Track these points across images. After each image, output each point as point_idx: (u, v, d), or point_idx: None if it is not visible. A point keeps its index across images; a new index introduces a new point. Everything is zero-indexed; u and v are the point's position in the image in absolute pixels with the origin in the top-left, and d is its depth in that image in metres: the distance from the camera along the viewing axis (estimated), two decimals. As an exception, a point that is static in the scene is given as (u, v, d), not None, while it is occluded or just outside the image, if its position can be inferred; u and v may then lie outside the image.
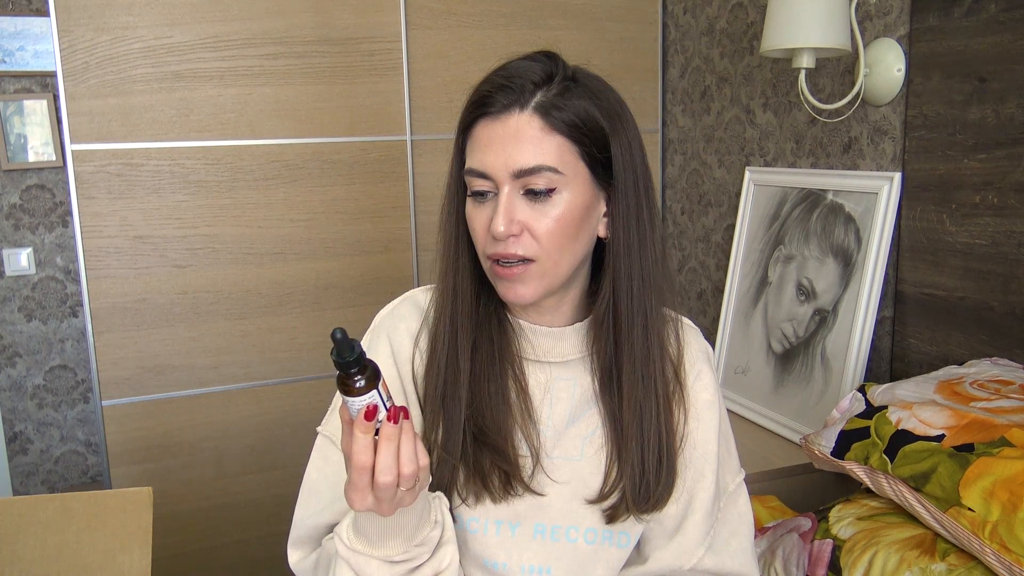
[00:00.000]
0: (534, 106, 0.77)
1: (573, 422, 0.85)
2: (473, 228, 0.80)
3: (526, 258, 0.78)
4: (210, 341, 1.93)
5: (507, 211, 0.76)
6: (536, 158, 0.76)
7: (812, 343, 1.68)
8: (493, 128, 0.77)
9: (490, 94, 0.77)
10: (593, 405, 0.86)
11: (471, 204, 0.80)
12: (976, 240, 1.39)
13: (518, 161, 0.76)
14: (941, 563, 1.03)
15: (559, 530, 0.84)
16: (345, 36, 1.93)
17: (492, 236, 0.77)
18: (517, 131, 0.76)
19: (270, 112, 1.91)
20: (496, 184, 0.77)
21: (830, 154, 1.72)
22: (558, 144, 0.77)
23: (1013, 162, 1.32)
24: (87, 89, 1.78)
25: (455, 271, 0.83)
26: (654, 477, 0.83)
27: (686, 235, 2.26)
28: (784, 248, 1.80)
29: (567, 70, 0.80)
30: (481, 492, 0.81)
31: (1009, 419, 1.09)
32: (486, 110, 0.77)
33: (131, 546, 1.14)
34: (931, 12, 1.44)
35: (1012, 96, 1.31)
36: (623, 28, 2.21)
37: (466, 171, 0.79)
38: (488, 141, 0.77)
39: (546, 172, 0.76)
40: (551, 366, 0.86)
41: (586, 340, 0.86)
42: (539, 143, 0.76)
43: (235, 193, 1.90)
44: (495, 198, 0.78)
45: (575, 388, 0.86)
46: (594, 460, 0.85)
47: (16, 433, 2.91)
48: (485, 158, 0.77)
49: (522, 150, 0.76)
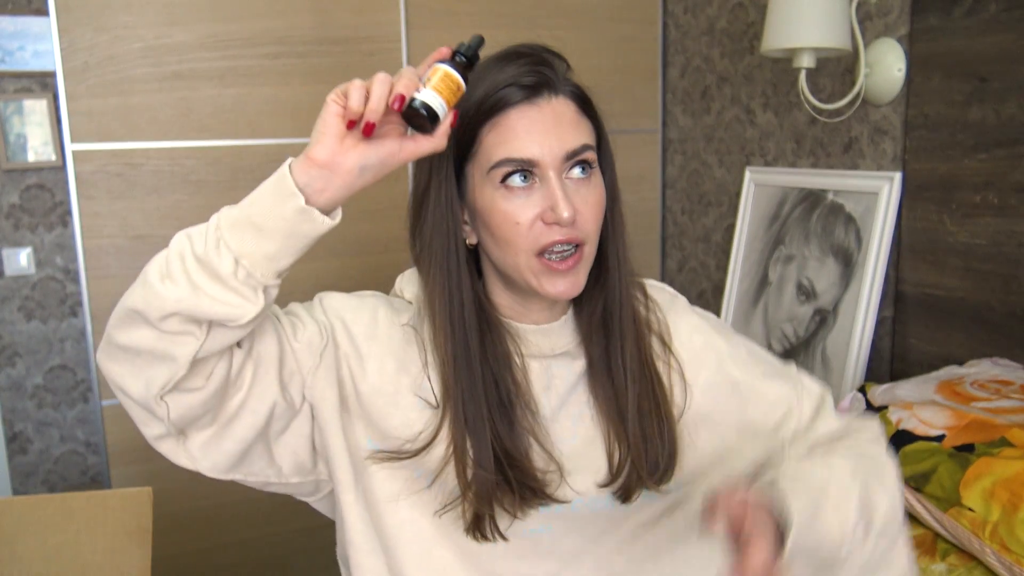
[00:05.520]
0: (563, 89, 0.78)
1: (561, 406, 0.85)
2: (514, 222, 0.76)
3: (581, 242, 0.77)
4: (210, 341, 1.93)
5: (567, 195, 0.75)
6: (580, 138, 0.77)
7: (812, 343, 1.68)
8: (530, 114, 0.76)
9: (514, 83, 0.76)
10: (576, 388, 0.86)
11: (505, 197, 0.76)
12: (976, 240, 1.39)
13: (568, 143, 0.76)
14: (941, 563, 1.03)
15: (567, 507, 0.84)
16: (345, 36, 1.93)
17: (550, 224, 0.75)
18: (559, 114, 0.76)
19: (270, 112, 1.90)
20: (542, 171, 0.76)
21: (830, 154, 1.72)
22: (588, 125, 0.79)
23: (1013, 162, 1.32)
24: (87, 89, 1.77)
25: (458, 286, 0.80)
26: (661, 446, 0.83)
27: (686, 235, 2.26)
28: (784, 248, 1.80)
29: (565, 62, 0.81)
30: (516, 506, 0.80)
31: (1009, 419, 1.09)
32: (515, 99, 0.76)
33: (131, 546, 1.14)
34: (931, 12, 1.44)
35: (1012, 96, 1.31)
36: (623, 28, 2.21)
37: (502, 162, 0.76)
38: (529, 128, 0.76)
39: (589, 151, 0.78)
40: (549, 358, 0.86)
41: (575, 330, 0.86)
42: (579, 124, 0.78)
43: (235, 193, 1.88)
44: (537, 187, 0.76)
45: (567, 373, 0.86)
46: (588, 437, 0.85)
47: (16, 433, 2.91)
48: (528, 146, 0.75)
49: (567, 132, 0.76)
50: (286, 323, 0.79)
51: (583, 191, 0.77)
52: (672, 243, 2.33)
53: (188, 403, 0.71)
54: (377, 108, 0.67)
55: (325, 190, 0.68)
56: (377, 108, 0.67)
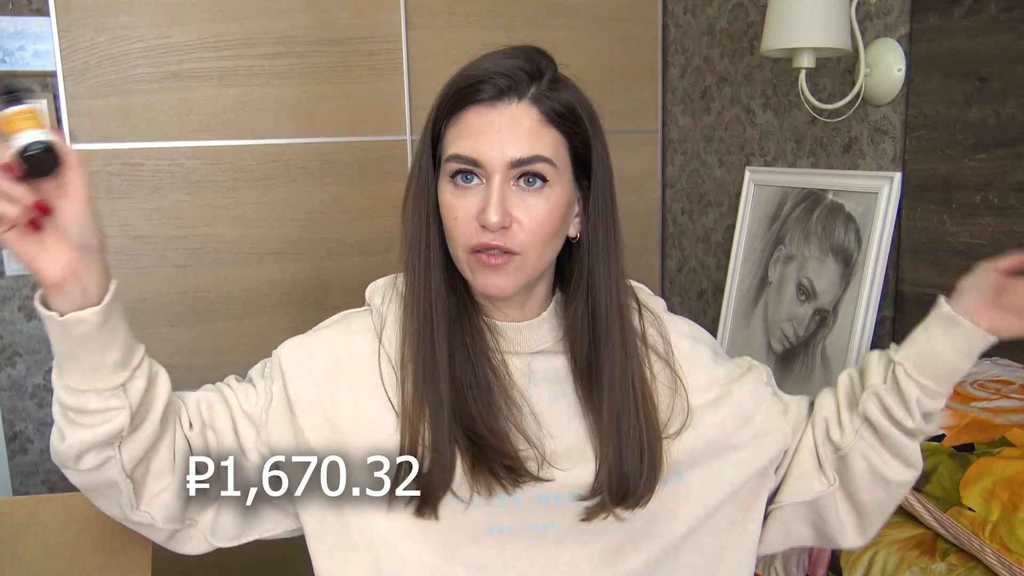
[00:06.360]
0: (531, 97, 0.76)
1: (553, 401, 0.85)
2: (453, 216, 0.78)
3: (511, 251, 0.77)
4: (210, 341, 1.93)
5: (500, 201, 0.75)
6: (533, 148, 0.76)
7: (812, 343, 1.68)
8: (488, 116, 0.76)
9: (483, 81, 0.76)
10: (569, 386, 0.86)
11: (451, 191, 0.78)
12: (976, 240, 1.39)
13: (515, 151, 0.75)
14: (941, 563, 1.03)
15: (562, 495, 0.83)
16: (345, 36, 1.93)
17: (481, 226, 0.76)
18: (515, 120, 0.76)
19: (270, 112, 1.90)
20: (487, 173, 0.76)
21: (830, 154, 1.72)
22: (553, 138, 0.77)
23: (1013, 162, 1.32)
24: (87, 89, 1.77)
25: (426, 265, 0.81)
26: (636, 470, 0.82)
27: (686, 235, 2.26)
28: (784, 248, 1.80)
29: (555, 67, 0.80)
30: (493, 485, 0.80)
31: (1009, 419, 1.09)
32: (479, 97, 0.76)
33: (131, 546, 1.14)
34: (931, 12, 1.44)
35: (1012, 96, 1.31)
36: (623, 28, 2.21)
37: (452, 157, 0.77)
38: (482, 128, 0.76)
39: (542, 163, 0.76)
40: (529, 354, 0.86)
41: (556, 327, 0.87)
42: (536, 134, 0.76)
43: (235, 193, 1.90)
44: (481, 187, 0.77)
45: (550, 369, 0.86)
46: (581, 434, 0.85)
47: (16, 433, 2.91)
48: (479, 145, 0.75)
49: (520, 139, 0.75)
50: (237, 390, 0.86)
51: (529, 202, 0.77)
52: (672, 243, 2.33)
53: (164, 502, 0.82)
54: (13, 192, 0.64)
55: (87, 286, 0.70)
56: (13, 192, 0.64)
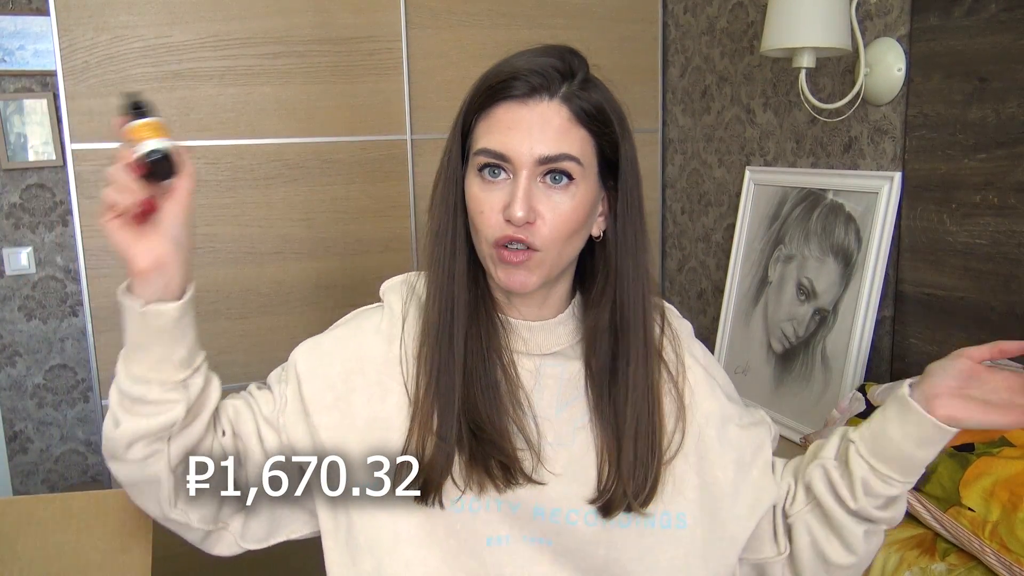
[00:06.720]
0: (562, 96, 0.78)
1: (563, 407, 0.85)
2: (479, 210, 0.79)
3: (532, 247, 0.78)
4: (210, 341, 1.91)
5: (526, 197, 0.76)
6: (562, 146, 0.77)
7: (812, 343, 1.68)
8: (519, 111, 0.77)
9: (515, 78, 0.77)
10: (581, 393, 0.86)
11: (479, 185, 0.79)
12: (976, 240, 1.39)
13: (544, 148, 0.76)
14: (941, 563, 1.03)
15: (558, 513, 0.83)
16: (345, 35, 1.93)
17: (506, 220, 0.77)
18: (545, 118, 0.77)
19: (270, 112, 1.90)
20: (515, 168, 0.77)
21: (830, 154, 1.72)
22: (582, 137, 0.79)
23: (1013, 162, 1.32)
24: (87, 88, 1.78)
25: (452, 256, 0.82)
26: (649, 469, 0.83)
27: (686, 235, 2.26)
28: (784, 248, 1.80)
29: (587, 67, 0.81)
30: (485, 482, 0.81)
31: (1009, 419, 1.09)
32: (510, 93, 0.77)
33: (131, 546, 1.14)
34: (931, 12, 1.44)
35: (1012, 96, 1.31)
36: (623, 28, 2.21)
37: (481, 151, 0.78)
38: (512, 123, 0.77)
39: (569, 162, 0.77)
40: (540, 356, 0.86)
41: (573, 331, 0.87)
42: (566, 133, 0.77)
43: (235, 193, 1.90)
44: (508, 181, 0.78)
45: (563, 373, 0.86)
46: (585, 446, 0.85)
47: (16, 432, 2.91)
48: (508, 140, 0.77)
49: (549, 137, 0.76)
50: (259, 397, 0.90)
51: (554, 199, 0.78)
52: (672, 243, 2.33)
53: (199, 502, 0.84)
54: (131, 186, 0.72)
55: (170, 281, 0.75)
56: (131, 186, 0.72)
